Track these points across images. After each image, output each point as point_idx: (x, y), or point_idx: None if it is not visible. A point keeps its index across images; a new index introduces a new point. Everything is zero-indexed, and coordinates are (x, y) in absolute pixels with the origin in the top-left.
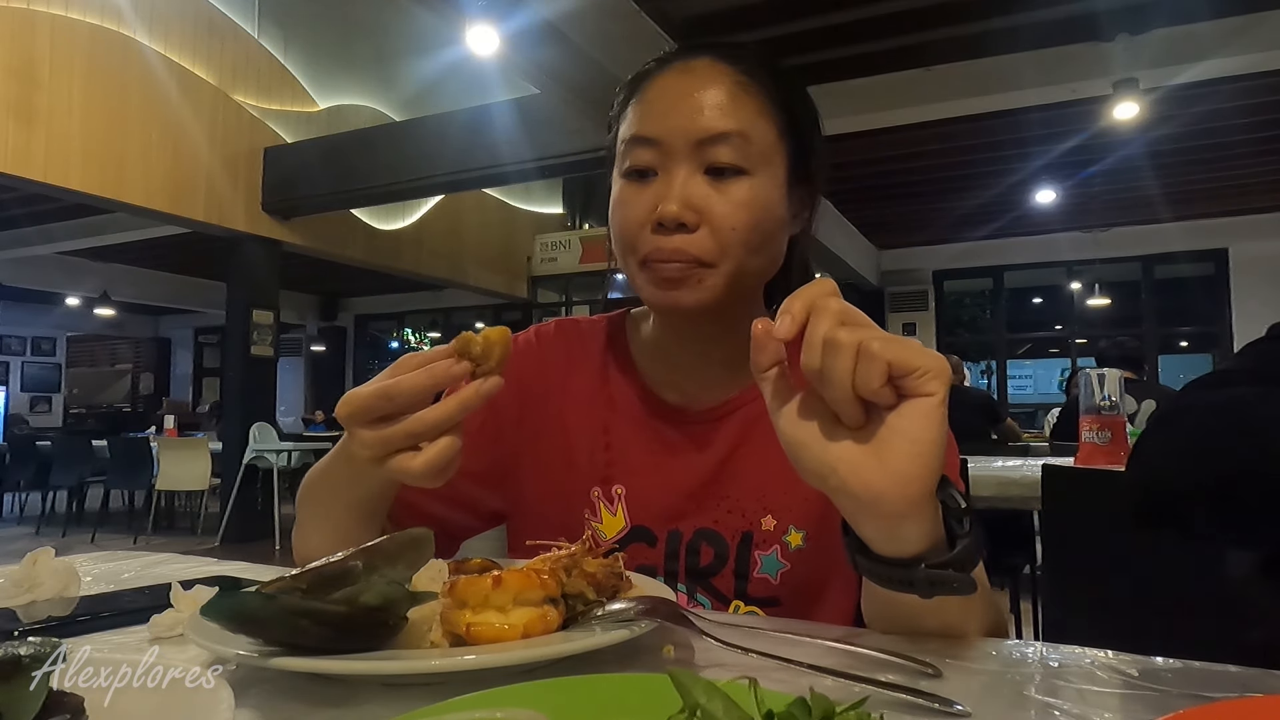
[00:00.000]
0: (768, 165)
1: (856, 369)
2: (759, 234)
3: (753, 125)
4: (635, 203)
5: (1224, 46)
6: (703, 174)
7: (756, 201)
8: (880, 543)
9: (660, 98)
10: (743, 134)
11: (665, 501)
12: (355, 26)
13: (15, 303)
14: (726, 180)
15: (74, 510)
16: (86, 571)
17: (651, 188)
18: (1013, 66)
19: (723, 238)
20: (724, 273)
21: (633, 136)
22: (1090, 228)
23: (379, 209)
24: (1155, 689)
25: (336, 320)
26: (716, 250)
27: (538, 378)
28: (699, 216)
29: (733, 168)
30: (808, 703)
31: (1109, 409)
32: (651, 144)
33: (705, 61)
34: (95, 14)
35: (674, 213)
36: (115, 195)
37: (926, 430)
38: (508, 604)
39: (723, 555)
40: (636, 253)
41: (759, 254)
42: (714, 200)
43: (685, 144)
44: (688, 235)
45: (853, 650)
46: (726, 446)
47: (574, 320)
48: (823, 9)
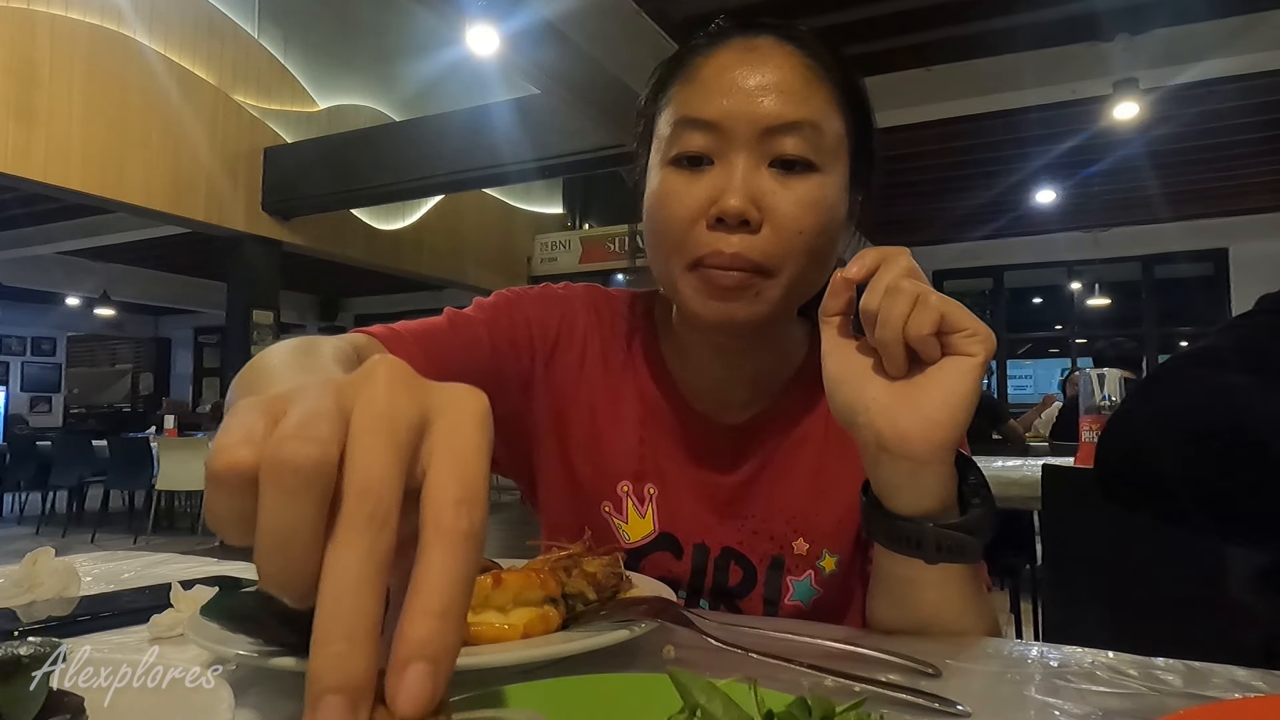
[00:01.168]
0: (836, 163)
1: (911, 314)
2: (825, 239)
3: (824, 116)
4: (687, 194)
5: (1224, 46)
6: (767, 167)
7: (825, 202)
8: (896, 491)
9: (719, 77)
10: (815, 125)
11: (694, 512)
12: (355, 26)
13: (15, 303)
14: (794, 176)
15: (74, 510)
16: (86, 571)
17: (707, 178)
18: (1013, 66)
19: (787, 241)
20: (783, 284)
21: (685, 118)
22: (1090, 228)
23: (379, 209)
24: (1155, 689)
25: (336, 320)
26: (780, 255)
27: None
28: (762, 214)
29: (803, 161)
30: (807, 703)
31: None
32: (708, 128)
33: (770, 40)
34: (95, 14)
35: (738, 208)
36: (115, 195)
37: (962, 384)
38: (508, 604)
39: (751, 578)
40: (686, 253)
41: (821, 263)
42: (780, 197)
43: (750, 131)
44: (749, 236)
45: (853, 650)
46: (753, 465)
47: (606, 291)
48: (823, 9)
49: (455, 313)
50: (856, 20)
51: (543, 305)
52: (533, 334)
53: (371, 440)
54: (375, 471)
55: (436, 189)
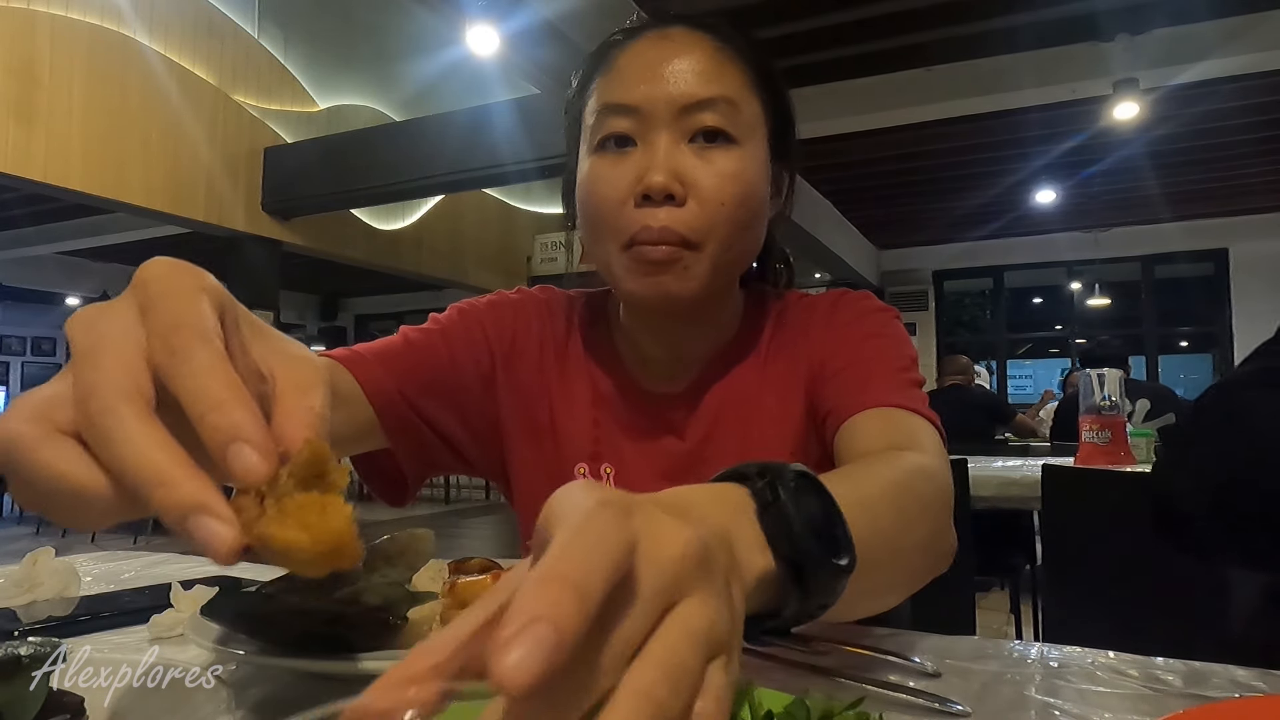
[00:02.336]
0: (753, 136)
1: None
2: (747, 210)
3: (738, 94)
4: (613, 177)
5: (1224, 46)
6: (687, 143)
7: (745, 174)
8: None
9: (635, 64)
10: (730, 100)
11: (653, 485)
12: (355, 26)
13: (15, 303)
14: (713, 149)
15: None
16: (86, 571)
17: (631, 159)
18: (1013, 66)
19: (711, 212)
20: (710, 255)
21: (607, 105)
22: (1090, 228)
23: (379, 209)
24: (1155, 689)
25: (336, 320)
26: (705, 227)
27: (524, 334)
28: (685, 189)
29: (722, 133)
30: (807, 703)
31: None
32: (629, 112)
33: (682, 30)
34: (95, 14)
35: (661, 183)
36: (115, 195)
37: None
38: None
39: None
40: (620, 234)
41: (746, 234)
42: (701, 171)
43: (668, 110)
44: (675, 210)
45: (853, 650)
46: (703, 429)
47: (559, 291)
48: (823, 9)
49: (411, 329)
50: (857, 20)
51: (495, 311)
52: (489, 339)
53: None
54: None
55: (436, 189)
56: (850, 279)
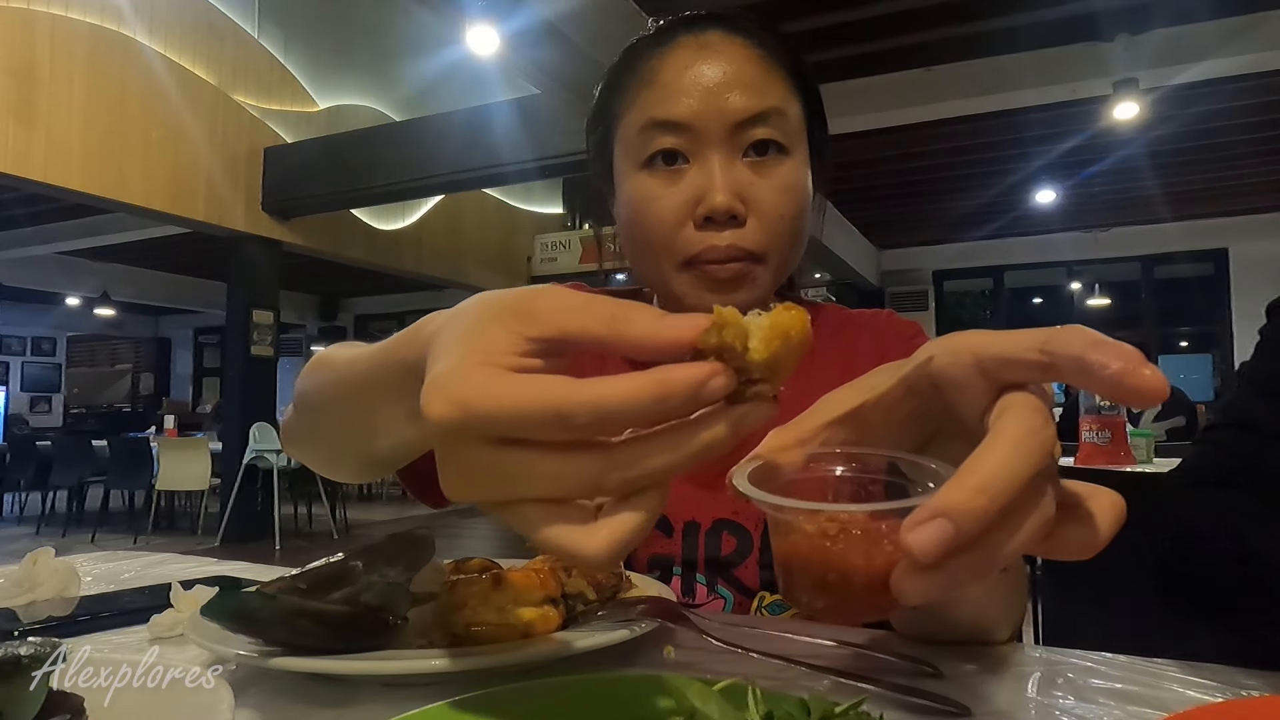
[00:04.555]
0: (800, 142)
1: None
2: (803, 220)
3: (785, 101)
4: (669, 197)
5: (1224, 46)
6: (740, 158)
7: (798, 185)
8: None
9: (679, 77)
10: (780, 111)
11: (682, 490)
12: (355, 26)
13: (15, 303)
14: (768, 163)
15: (74, 510)
16: (86, 571)
17: (687, 179)
18: (1013, 66)
19: (772, 228)
20: (772, 268)
21: (653, 121)
22: (1090, 228)
23: (379, 209)
24: (1155, 689)
25: (336, 320)
26: (768, 242)
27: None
28: (746, 207)
29: (776, 144)
30: (807, 704)
31: (1109, 409)
32: (679, 129)
33: (719, 35)
34: (95, 14)
35: (725, 204)
36: (115, 195)
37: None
38: (508, 604)
39: (746, 545)
40: (678, 254)
41: (800, 244)
42: (760, 188)
43: (721, 127)
44: (738, 229)
45: (853, 650)
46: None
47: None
48: (823, 9)
49: None
50: (857, 20)
51: None
52: None
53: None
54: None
55: (436, 189)
56: (850, 279)
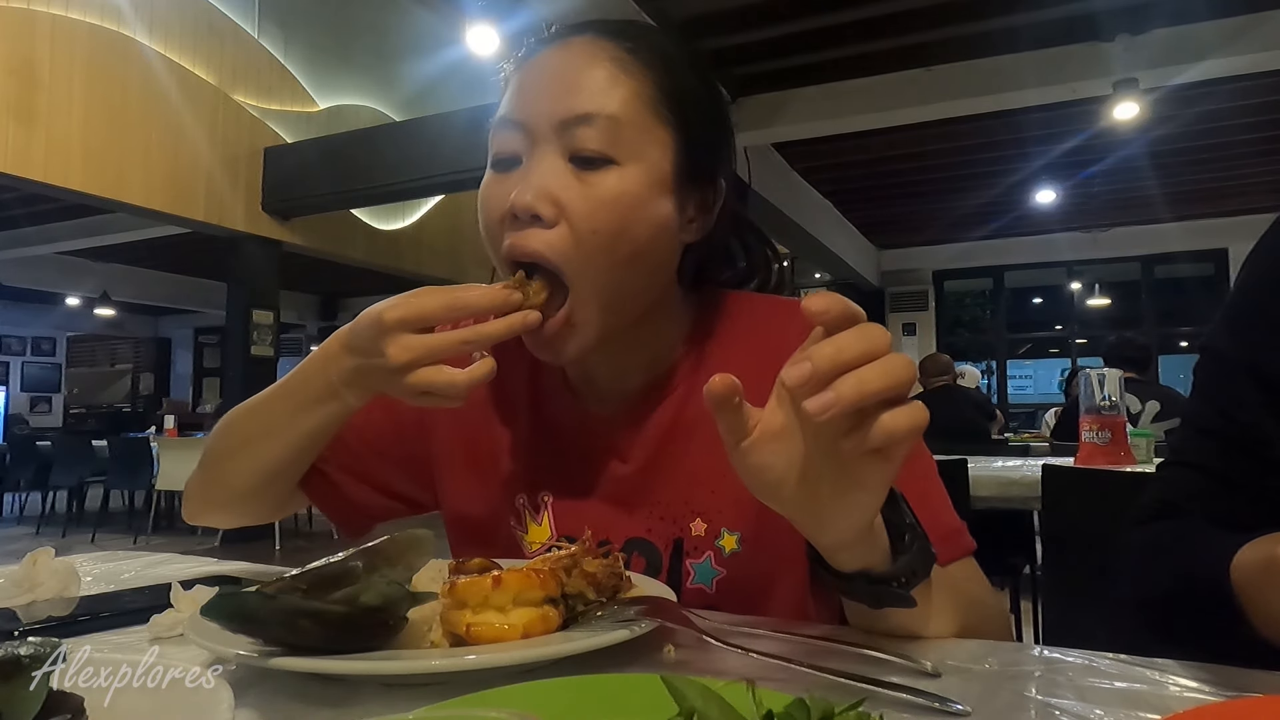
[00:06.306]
0: (641, 158)
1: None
2: (627, 241)
3: (626, 108)
4: (496, 195)
5: (1224, 46)
6: (567, 162)
7: (624, 199)
8: (830, 556)
9: (529, 76)
10: (612, 117)
11: (595, 510)
12: (355, 26)
13: (15, 303)
14: (593, 172)
15: (74, 510)
16: (86, 571)
17: (512, 177)
18: (1013, 66)
19: (583, 241)
20: (588, 298)
21: (498, 119)
22: (1090, 228)
23: (379, 209)
24: (1155, 689)
25: (336, 320)
26: (575, 256)
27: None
28: (558, 211)
29: (600, 156)
30: (807, 704)
31: (1109, 409)
32: (515, 127)
33: (585, 39)
34: (95, 14)
35: (526, 202)
36: (115, 195)
37: (880, 491)
38: (508, 604)
39: (655, 565)
40: (501, 254)
41: (631, 267)
42: (575, 193)
43: (547, 125)
44: (544, 231)
45: (853, 650)
46: (648, 451)
47: None
48: (823, 9)
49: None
50: (857, 20)
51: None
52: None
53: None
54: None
55: (436, 189)
56: (850, 279)
